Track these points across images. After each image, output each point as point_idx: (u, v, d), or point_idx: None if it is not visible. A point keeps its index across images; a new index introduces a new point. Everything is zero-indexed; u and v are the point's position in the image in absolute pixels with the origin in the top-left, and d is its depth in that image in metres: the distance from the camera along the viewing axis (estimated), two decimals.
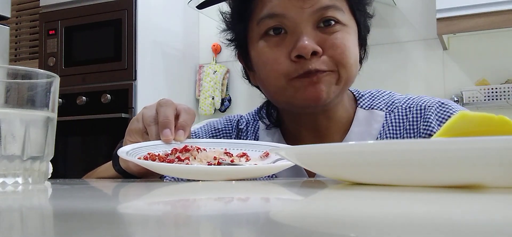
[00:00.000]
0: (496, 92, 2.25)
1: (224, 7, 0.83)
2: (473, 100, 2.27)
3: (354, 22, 0.75)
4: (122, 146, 0.63)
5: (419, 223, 0.19)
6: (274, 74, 0.72)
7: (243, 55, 0.81)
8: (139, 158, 0.59)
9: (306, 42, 0.68)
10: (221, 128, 0.89)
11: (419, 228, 0.18)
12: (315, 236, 0.17)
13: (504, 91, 2.24)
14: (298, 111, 0.76)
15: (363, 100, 0.81)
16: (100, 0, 2.44)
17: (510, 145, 0.30)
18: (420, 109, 0.77)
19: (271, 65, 0.72)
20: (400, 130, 0.77)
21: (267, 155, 0.64)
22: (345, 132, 0.78)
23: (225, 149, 0.65)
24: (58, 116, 0.52)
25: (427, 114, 0.76)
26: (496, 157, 0.30)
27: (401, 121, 0.77)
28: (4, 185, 0.45)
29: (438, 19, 2.17)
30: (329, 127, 0.78)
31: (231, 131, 0.88)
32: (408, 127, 0.76)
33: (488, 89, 2.26)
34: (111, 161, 0.73)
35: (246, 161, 0.63)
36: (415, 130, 0.76)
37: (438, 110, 0.76)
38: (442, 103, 0.77)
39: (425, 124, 0.75)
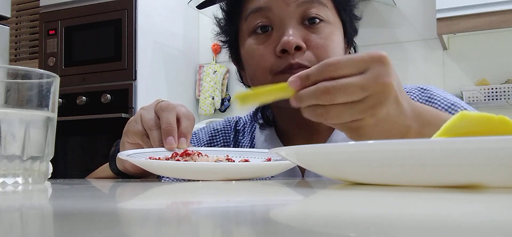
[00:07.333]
0: (496, 92, 2.25)
1: (219, 10, 0.86)
2: (473, 100, 2.27)
3: (339, 21, 0.76)
4: (118, 146, 0.63)
5: (419, 223, 0.19)
6: (260, 70, 0.74)
7: (235, 55, 0.83)
8: None
9: (291, 37, 0.70)
10: (220, 128, 0.90)
11: (419, 228, 0.18)
12: (315, 236, 0.17)
13: (504, 91, 2.24)
14: (286, 107, 0.76)
15: None
16: (100, 0, 2.44)
17: (510, 145, 0.30)
18: None
19: (257, 61, 0.74)
20: None
21: (269, 161, 0.64)
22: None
23: (227, 155, 0.65)
24: (58, 116, 0.52)
25: None
26: (496, 157, 0.30)
27: None
28: (4, 185, 0.45)
29: (438, 19, 2.17)
30: (320, 123, 0.78)
31: (229, 131, 0.89)
32: None
33: (488, 89, 2.26)
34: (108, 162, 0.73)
35: None
36: None
37: (417, 93, 0.76)
38: (422, 88, 0.77)
39: None
